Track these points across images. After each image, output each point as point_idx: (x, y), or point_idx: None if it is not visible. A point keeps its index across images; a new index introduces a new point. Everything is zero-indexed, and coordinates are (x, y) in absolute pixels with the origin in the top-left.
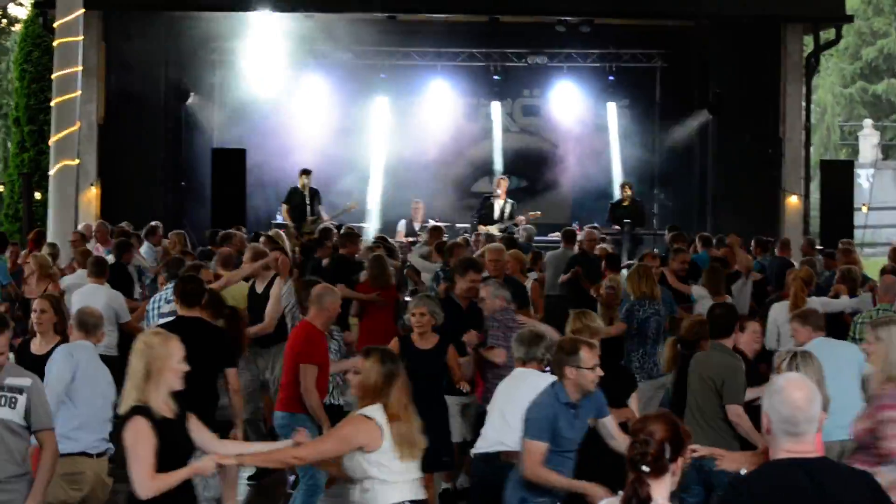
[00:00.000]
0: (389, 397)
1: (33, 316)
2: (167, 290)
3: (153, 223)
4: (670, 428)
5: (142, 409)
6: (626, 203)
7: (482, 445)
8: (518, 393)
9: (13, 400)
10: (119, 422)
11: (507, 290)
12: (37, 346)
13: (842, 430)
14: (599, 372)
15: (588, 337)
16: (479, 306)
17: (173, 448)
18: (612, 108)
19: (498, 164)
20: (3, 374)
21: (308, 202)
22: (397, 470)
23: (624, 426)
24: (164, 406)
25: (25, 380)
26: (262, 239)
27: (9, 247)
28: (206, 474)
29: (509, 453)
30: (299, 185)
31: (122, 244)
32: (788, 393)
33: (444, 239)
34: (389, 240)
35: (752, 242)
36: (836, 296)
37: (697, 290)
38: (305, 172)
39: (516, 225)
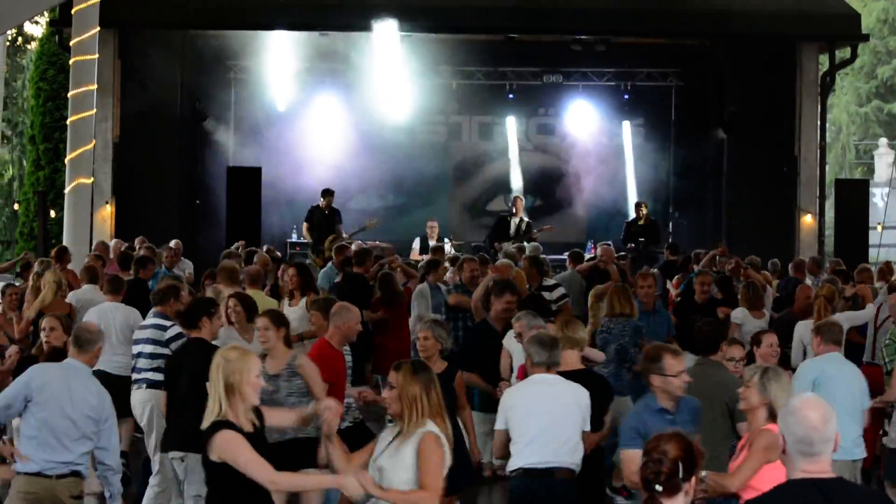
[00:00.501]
0: (431, 404)
1: (42, 335)
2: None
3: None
4: (683, 447)
5: (226, 423)
6: (641, 222)
7: (527, 461)
8: (557, 405)
9: None
10: (203, 437)
11: (541, 319)
12: None
13: (843, 451)
14: (686, 378)
15: (569, 348)
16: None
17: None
18: (626, 126)
19: (513, 183)
20: None
21: (328, 221)
22: None
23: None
24: (245, 421)
25: None
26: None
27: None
28: (348, 493)
29: (564, 470)
30: (321, 205)
31: (141, 260)
32: (804, 413)
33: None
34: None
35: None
36: (861, 302)
37: (738, 314)
38: (328, 193)
39: (531, 240)
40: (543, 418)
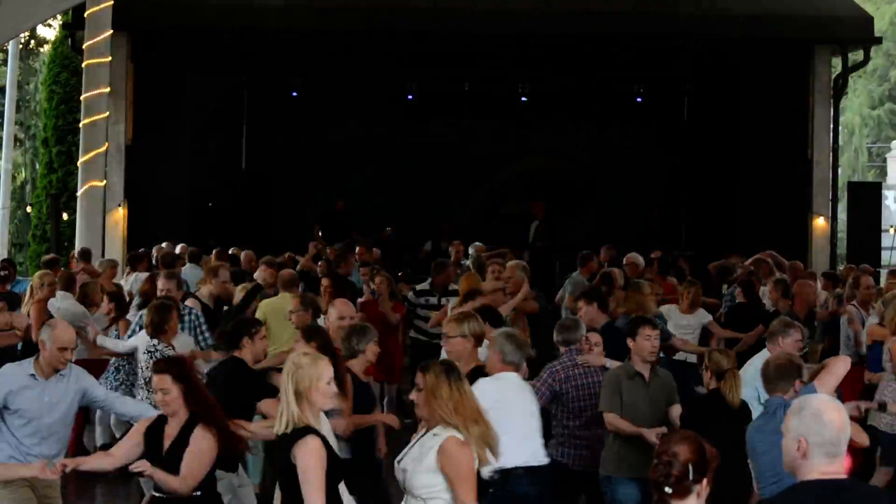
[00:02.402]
0: (462, 404)
1: None
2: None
3: (142, 250)
4: (694, 449)
5: (311, 429)
6: (654, 225)
7: (523, 459)
8: (529, 403)
9: None
10: (286, 441)
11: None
12: None
13: None
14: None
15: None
16: None
17: (333, 468)
18: (639, 129)
19: (526, 186)
20: None
21: (342, 224)
22: None
23: None
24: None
25: None
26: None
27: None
28: None
29: (551, 465)
30: (336, 208)
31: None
32: (830, 416)
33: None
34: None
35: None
36: None
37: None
38: (343, 197)
39: (537, 249)
40: (521, 416)
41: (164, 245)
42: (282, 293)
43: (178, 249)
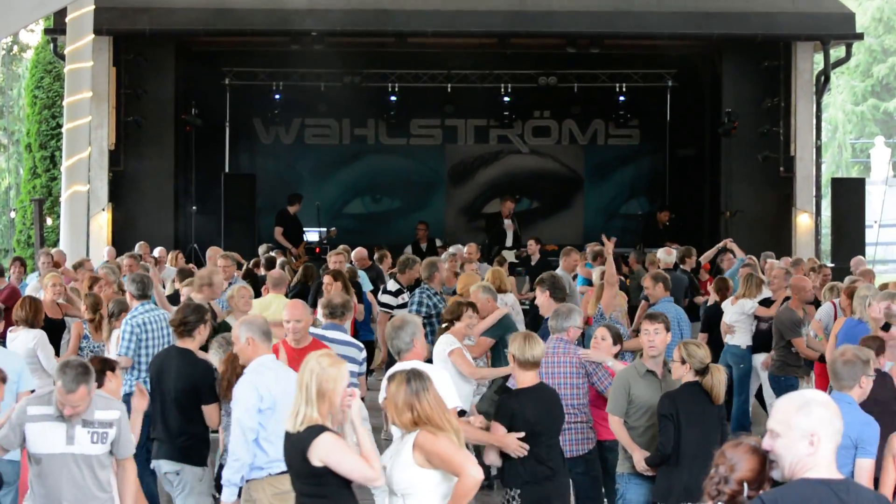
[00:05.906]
0: (424, 411)
1: None
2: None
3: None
4: (755, 464)
5: (324, 427)
6: (663, 226)
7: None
8: None
9: (104, 435)
10: (300, 441)
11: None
12: None
13: None
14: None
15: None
16: None
17: None
18: (623, 128)
19: (509, 186)
20: (91, 408)
21: (296, 226)
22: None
23: None
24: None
25: (114, 412)
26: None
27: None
28: None
29: None
30: (290, 211)
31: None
32: (835, 406)
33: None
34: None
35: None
36: None
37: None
38: (298, 198)
39: (520, 256)
40: None
41: (107, 250)
42: (272, 293)
43: (156, 252)
